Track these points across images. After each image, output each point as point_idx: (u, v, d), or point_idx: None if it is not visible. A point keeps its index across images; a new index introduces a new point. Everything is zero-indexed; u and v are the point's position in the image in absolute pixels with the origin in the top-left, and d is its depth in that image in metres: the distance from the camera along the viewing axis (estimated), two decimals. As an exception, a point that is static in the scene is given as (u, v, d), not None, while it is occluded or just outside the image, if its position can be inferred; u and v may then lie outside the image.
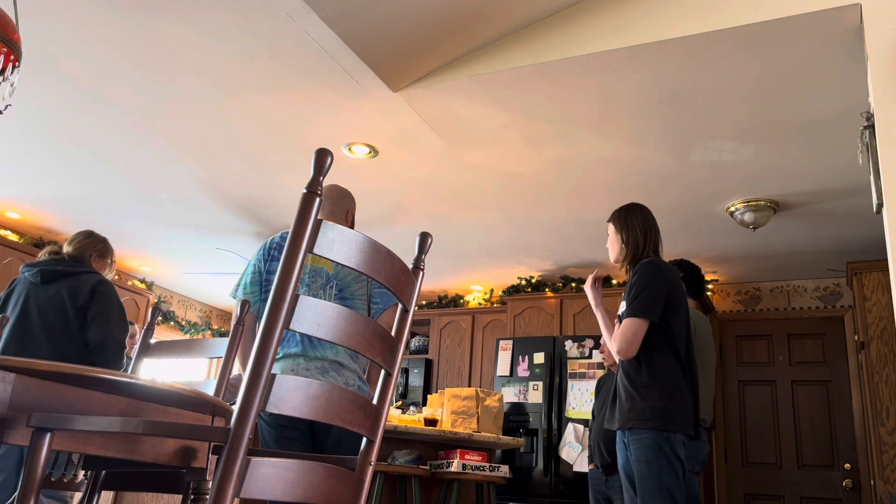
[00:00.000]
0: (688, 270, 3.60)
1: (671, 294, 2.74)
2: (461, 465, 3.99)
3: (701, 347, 3.43)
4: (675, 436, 2.59)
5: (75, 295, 3.23)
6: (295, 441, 2.57)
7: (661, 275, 2.77)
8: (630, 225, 2.94)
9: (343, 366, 2.67)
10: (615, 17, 3.03)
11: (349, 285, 2.76)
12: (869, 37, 2.56)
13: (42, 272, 3.29)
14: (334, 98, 3.52)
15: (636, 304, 2.70)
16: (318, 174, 1.15)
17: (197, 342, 2.24)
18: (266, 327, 1.08)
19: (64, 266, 3.32)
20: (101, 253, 3.55)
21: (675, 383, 2.65)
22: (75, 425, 1.16)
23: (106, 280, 3.39)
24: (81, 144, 4.21)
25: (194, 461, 1.55)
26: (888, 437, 4.23)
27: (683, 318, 2.75)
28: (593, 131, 3.70)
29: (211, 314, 7.89)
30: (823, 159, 3.83)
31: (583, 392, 5.38)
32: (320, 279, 2.73)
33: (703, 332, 3.45)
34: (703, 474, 5.14)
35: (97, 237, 3.61)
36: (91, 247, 3.53)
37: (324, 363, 2.63)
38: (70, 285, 3.26)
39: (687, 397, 2.66)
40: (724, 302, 6.01)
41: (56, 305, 3.22)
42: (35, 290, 3.28)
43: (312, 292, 2.68)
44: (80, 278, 3.30)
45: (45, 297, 3.24)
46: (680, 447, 2.59)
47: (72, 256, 3.43)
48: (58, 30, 3.11)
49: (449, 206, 4.83)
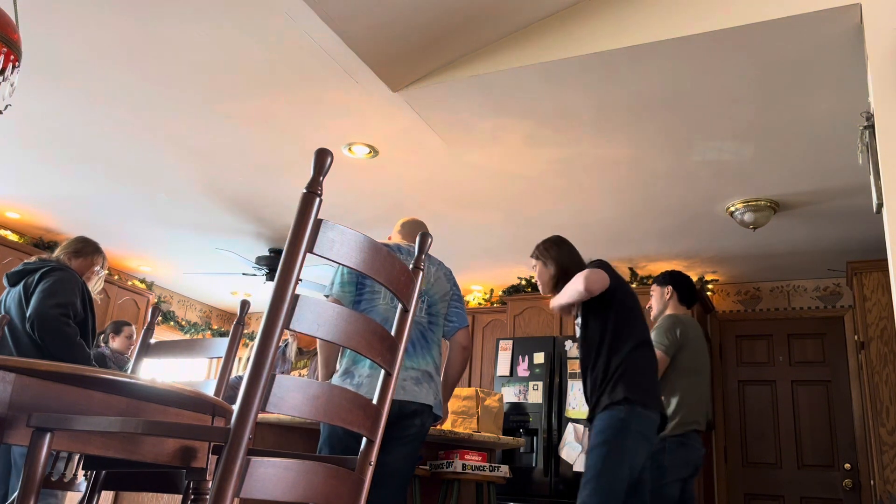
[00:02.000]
0: (678, 281, 3.63)
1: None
2: (461, 465, 3.99)
3: (696, 352, 3.45)
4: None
5: (28, 288, 3.28)
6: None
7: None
8: (552, 258, 3.17)
9: (432, 377, 2.72)
10: (615, 18, 3.03)
11: (436, 302, 2.84)
12: (869, 37, 2.56)
13: (7, 275, 3.38)
14: (334, 98, 3.52)
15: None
16: (318, 174, 1.15)
17: (197, 342, 2.24)
18: (266, 327, 1.08)
19: (25, 266, 3.37)
20: (77, 252, 3.52)
21: None
22: (75, 425, 1.16)
23: (58, 266, 3.34)
24: (81, 145, 4.21)
25: (194, 461, 1.55)
26: (888, 437, 4.23)
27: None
28: (593, 131, 3.70)
29: (211, 314, 7.89)
30: (823, 159, 3.83)
31: (583, 392, 5.38)
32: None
33: (693, 337, 3.47)
34: (703, 474, 5.14)
35: (80, 238, 3.60)
36: (66, 247, 3.54)
37: (418, 373, 2.67)
38: (26, 282, 3.30)
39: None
40: (724, 302, 6.01)
41: (16, 304, 3.28)
42: (6, 294, 3.38)
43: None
44: (35, 273, 3.32)
45: (9, 299, 3.33)
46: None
47: (44, 258, 3.46)
48: (58, 30, 3.11)
49: (449, 206, 4.83)
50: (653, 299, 3.70)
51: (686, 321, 3.49)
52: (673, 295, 3.60)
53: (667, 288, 3.62)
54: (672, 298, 3.60)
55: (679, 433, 3.27)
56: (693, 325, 3.52)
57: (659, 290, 3.67)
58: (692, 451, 3.29)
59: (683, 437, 3.28)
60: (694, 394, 3.38)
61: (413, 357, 2.71)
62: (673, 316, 3.53)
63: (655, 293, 3.69)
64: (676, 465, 3.22)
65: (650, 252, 5.45)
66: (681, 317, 3.51)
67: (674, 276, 3.66)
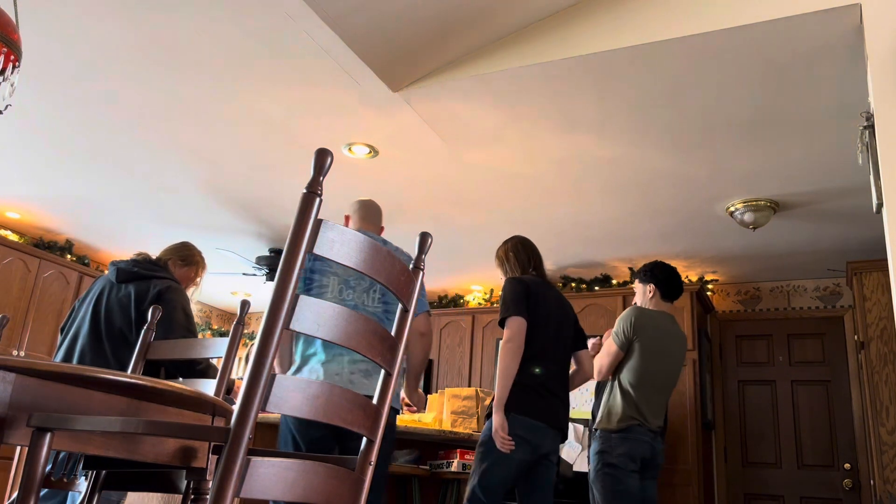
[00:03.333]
0: (659, 279, 3.63)
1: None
2: (461, 465, 3.99)
3: (651, 347, 3.45)
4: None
5: (142, 298, 3.09)
6: (325, 440, 2.59)
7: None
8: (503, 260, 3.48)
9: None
10: (615, 17, 3.03)
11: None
12: (869, 37, 2.56)
13: (119, 270, 3.19)
14: (334, 98, 3.52)
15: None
16: (318, 174, 1.15)
17: (197, 342, 2.24)
18: (266, 327, 1.08)
19: (140, 268, 3.20)
20: (185, 260, 3.41)
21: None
22: (75, 425, 1.16)
23: (175, 286, 3.20)
24: (81, 144, 4.21)
25: (194, 461, 1.55)
26: (888, 437, 4.23)
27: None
28: (593, 131, 3.70)
29: (211, 314, 7.89)
30: (823, 159, 3.83)
31: (583, 392, 5.39)
32: (364, 283, 2.74)
33: (651, 332, 3.46)
34: (703, 474, 5.14)
35: (185, 245, 3.48)
36: (174, 252, 3.42)
37: (368, 365, 2.65)
38: (140, 287, 3.13)
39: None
40: (724, 302, 6.01)
41: (122, 307, 3.11)
42: (111, 288, 3.18)
43: (356, 295, 2.70)
44: (151, 282, 3.16)
45: (116, 298, 3.14)
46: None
47: (153, 259, 3.32)
48: (58, 30, 3.11)
49: (449, 206, 4.83)
50: (636, 295, 3.70)
51: (646, 314, 3.49)
52: (655, 293, 3.59)
53: (649, 286, 3.62)
54: (654, 296, 3.60)
55: (623, 427, 3.31)
56: (654, 318, 3.50)
57: (641, 287, 3.67)
58: (638, 445, 3.29)
59: (626, 432, 3.30)
60: (641, 389, 3.37)
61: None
62: (634, 309, 3.53)
63: (638, 290, 3.69)
64: (623, 457, 3.27)
65: (650, 252, 5.45)
66: (644, 310, 3.52)
67: (654, 274, 3.63)
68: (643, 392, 3.37)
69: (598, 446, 3.34)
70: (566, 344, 3.25)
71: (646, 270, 3.67)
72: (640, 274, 3.69)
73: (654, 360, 3.43)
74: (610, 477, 3.23)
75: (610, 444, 3.29)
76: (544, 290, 3.22)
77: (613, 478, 3.23)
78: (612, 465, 3.25)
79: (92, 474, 1.75)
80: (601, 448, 3.32)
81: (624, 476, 3.23)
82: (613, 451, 3.27)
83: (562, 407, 3.11)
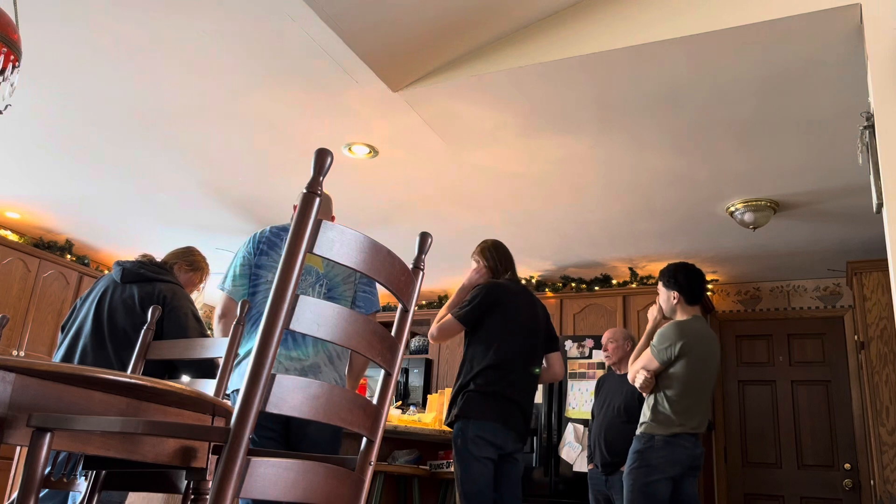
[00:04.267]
0: (682, 285, 3.59)
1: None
2: (461, 465, 3.99)
3: (696, 365, 3.44)
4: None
5: (146, 299, 3.09)
6: (271, 441, 2.55)
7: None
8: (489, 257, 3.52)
9: (321, 368, 2.63)
10: (615, 17, 3.03)
11: (338, 285, 2.74)
12: (869, 37, 2.56)
13: (124, 270, 3.19)
14: (334, 98, 3.52)
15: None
16: (318, 174, 1.15)
17: (197, 342, 2.24)
18: (266, 327, 1.08)
19: (146, 269, 3.20)
20: (191, 265, 3.44)
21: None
22: (75, 425, 1.16)
23: (181, 292, 3.21)
24: (81, 144, 4.21)
25: (194, 461, 1.55)
26: (888, 437, 4.23)
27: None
28: (593, 131, 3.70)
29: (211, 314, 7.89)
30: (823, 159, 3.83)
31: (583, 392, 5.38)
32: (310, 277, 2.71)
33: (696, 350, 3.46)
34: (703, 474, 5.14)
35: (191, 250, 3.50)
36: (181, 256, 3.44)
37: (302, 365, 2.60)
38: (145, 290, 3.13)
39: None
40: (724, 302, 6.01)
41: (126, 308, 3.10)
42: (114, 288, 3.18)
43: (301, 290, 2.65)
44: (156, 285, 3.16)
45: (120, 298, 3.14)
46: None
47: (158, 262, 3.32)
48: (58, 30, 3.11)
49: (449, 206, 4.83)
50: (660, 298, 3.63)
51: (687, 330, 3.44)
52: (680, 299, 3.55)
53: (672, 293, 3.55)
54: (679, 301, 3.55)
55: (669, 434, 3.33)
56: (695, 330, 3.46)
57: (665, 293, 3.59)
58: (679, 452, 3.31)
59: (671, 438, 3.33)
60: (688, 398, 3.38)
61: (298, 347, 2.59)
62: (679, 326, 3.46)
63: (662, 295, 3.61)
64: (662, 462, 3.30)
65: (650, 252, 5.45)
66: (688, 330, 3.45)
67: (678, 281, 3.56)
68: (690, 400, 3.37)
69: (638, 445, 3.37)
70: (536, 350, 3.36)
71: (669, 276, 3.59)
72: (664, 279, 3.62)
73: (699, 369, 3.43)
74: (643, 477, 3.28)
75: (652, 445, 3.32)
76: (516, 298, 3.33)
77: (646, 478, 3.27)
78: (649, 465, 3.29)
79: (92, 474, 1.75)
80: (642, 448, 3.34)
81: (657, 479, 3.26)
82: (654, 453, 3.30)
83: (519, 413, 3.21)
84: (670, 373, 3.41)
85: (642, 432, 3.41)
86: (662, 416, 3.35)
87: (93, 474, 1.75)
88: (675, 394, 3.38)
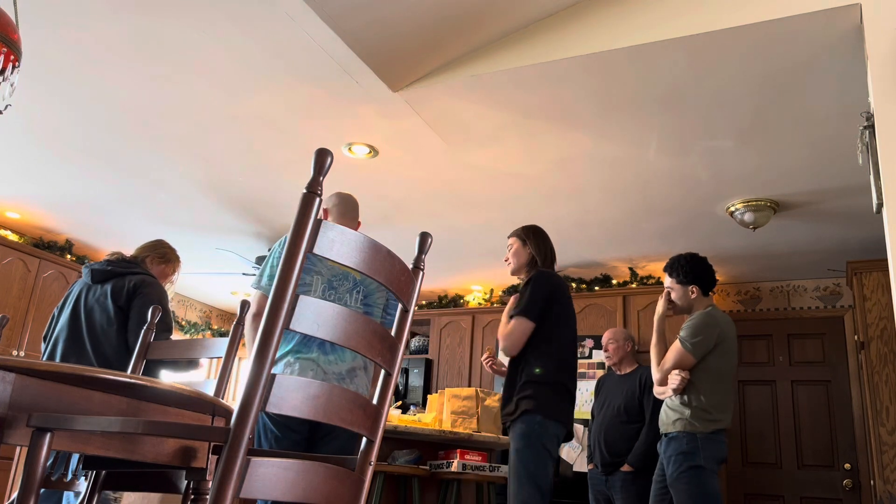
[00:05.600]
0: (699, 277, 3.55)
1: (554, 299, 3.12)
2: (461, 465, 3.99)
3: (727, 354, 3.41)
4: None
5: (118, 294, 3.21)
6: (296, 444, 2.57)
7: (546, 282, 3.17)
8: (533, 244, 3.31)
9: (356, 373, 2.68)
10: (615, 17, 3.03)
11: (373, 292, 2.77)
12: (869, 37, 2.56)
13: (93, 271, 3.30)
14: (334, 98, 3.52)
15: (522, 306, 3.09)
16: (318, 174, 1.15)
17: (197, 342, 2.24)
18: (266, 327, 1.08)
19: (114, 266, 3.31)
20: (162, 257, 3.51)
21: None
22: (75, 425, 1.16)
23: (150, 280, 3.31)
24: (81, 144, 4.21)
25: (194, 461, 1.55)
26: (888, 437, 4.23)
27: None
28: (593, 131, 3.70)
29: (211, 314, 7.89)
30: (823, 159, 3.83)
31: (583, 392, 5.38)
32: (347, 283, 2.72)
33: (729, 339, 3.43)
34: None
35: (161, 243, 3.57)
36: (151, 249, 3.51)
37: (341, 369, 2.62)
38: (116, 284, 3.24)
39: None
40: (724, 302, 6.01)
41: (101, 305, 3.21)
42: (87, 290, 3.29)
43: (339, 295, 2.68)
44: (126, 278, 3.27)
45: (94, 299, 3.25)
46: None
47: (128, 258, 3.41)
48: (58, 30, 3.11)
49: (449, 206, 4.83)
50: (674, 294, 3.56)
51: (723, 323, 3.42)
52: (697, 292, 3.50)
53: (691, 287, 3.50)
54: (697, 294, 3.50)
55: (713, 430, 3.28)
56: (727, 322, 3.45)
57: (681, 288, 3.53)
58: (721, 447, 3.29)
59: (714, 434, 3.28)
60: (723, 392, 3.35)
61: (336, 352, 2.60)
62: (710, 315, 3.43)
63: (677, 291, 3.55)
64: (709, 460, 3.24)
65: (650, 252, 5.45)
66: (718, 318, 3.42)
67: (696, 273, 3.51)
68: (722, 391, 3.33)
69: (681, 447, 3.27)
70: (577, 343, 3.29)
71: (685, 271, 3.53)
72: (677, 274, 3.55)
73: (731, 358, 3.41)
74: (697, 479, 3.20)
75: (696, 445, 3.24)
76: (566, 290, 3.24)
77: (701, 479, 3.20)
78: (700, 466, 3.21)
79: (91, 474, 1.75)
80: (687, 450, 3.24)
81: (712, 478, 3.21)
82: (700, 452, 3.22)
83: (573, 412, 3.15)
84: (702, 365, 3.35)
85: (682, 431, 3.29)
86: (700, 412, 3.28)
87: (92, 474, 1.75)
88: (708, 387, 3.31)
